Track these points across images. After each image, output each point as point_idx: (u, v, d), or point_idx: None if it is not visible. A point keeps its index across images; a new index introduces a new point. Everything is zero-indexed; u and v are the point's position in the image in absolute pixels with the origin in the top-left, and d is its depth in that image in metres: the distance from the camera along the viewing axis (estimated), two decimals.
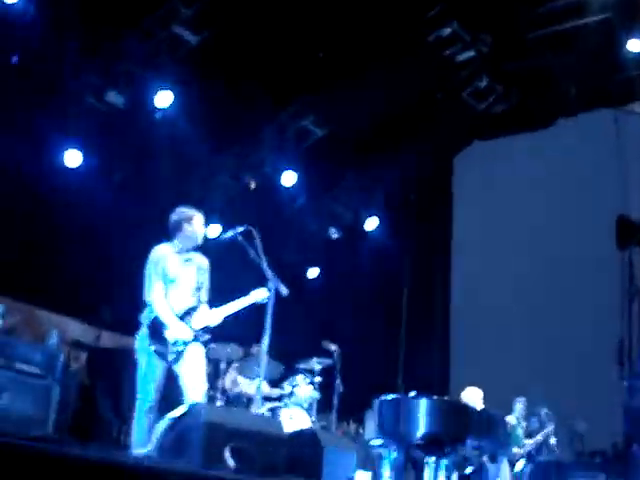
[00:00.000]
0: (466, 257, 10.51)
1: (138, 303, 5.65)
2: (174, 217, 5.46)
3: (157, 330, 5.20)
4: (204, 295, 5.53)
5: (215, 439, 3.91)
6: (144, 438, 4.94)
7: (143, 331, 5.28)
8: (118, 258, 8.33)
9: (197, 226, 5.44)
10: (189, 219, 5.42)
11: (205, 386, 5.27)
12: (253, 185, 9.49)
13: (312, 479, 4.41)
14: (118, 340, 8.14)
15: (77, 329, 7.89)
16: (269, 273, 5.06)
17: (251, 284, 5.64)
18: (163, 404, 5.25)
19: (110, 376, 7.47)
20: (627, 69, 8.75)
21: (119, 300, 8.23)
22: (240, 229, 5.17)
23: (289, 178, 9.43)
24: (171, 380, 5.34)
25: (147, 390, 5.13)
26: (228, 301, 5.56)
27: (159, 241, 5.56)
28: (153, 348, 5.16)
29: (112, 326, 8.32)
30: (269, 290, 5.05)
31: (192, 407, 4.07)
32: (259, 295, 5.36)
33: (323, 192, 10.05)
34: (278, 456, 4.18)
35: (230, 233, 5.21)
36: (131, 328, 7.84)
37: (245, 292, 5.54)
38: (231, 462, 3.93)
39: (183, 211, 5.48)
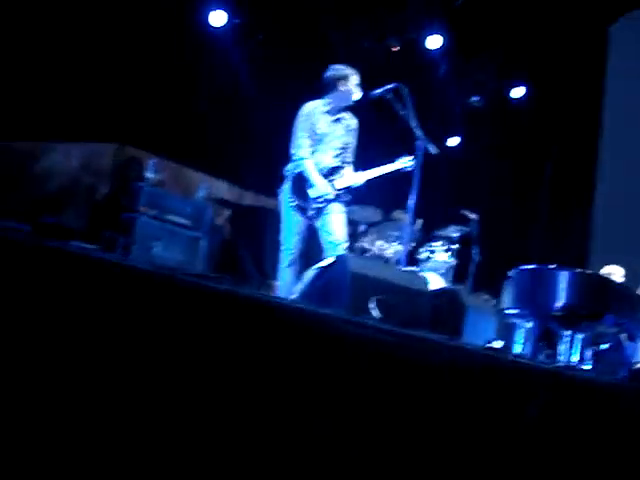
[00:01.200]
0: (618, 133, 9.94)
1: (280, 164, 5.75)
2: (330, 74, 5.41)
3: (300, 185, 5.28)
4: (349, 156, 5.55)
5: (361, 290, 3.99)
6: (288, 289, 5.13)
7: (286, 185, 5.37)
8: (261, 119, 8.45)
9: (352, 85, 5.38)
10: (345, 77, 5.37)
11: (345, 244, 5.36)
12: (395, 49, 9.24)
13: (453, 336, 4.46)
14: (260, 200, 8.36)
15: (221, 188, 8.14)
16: (419, 132, 4.98)
17: (396, 150, 5.60)
18: (305, 259, 5.41)
19: (252, 233, 7.73)
20: None
21: (262, 161, 8.42)
22: (390, 87, 5.09)
23: (434, 41, 9.11)
24: (313, 236, 5.47)
25: (290, 242, 5.27)
26: (372, 164, 5.56)
27: (304, 100, 5.57)
28: (295, 202, 5.26)
29: (254, 186, 8.52)
30: (418, 149, 4.98)
31: (339, 257, 4.16)
32: (404, 163, 5.32)
33: (468, 58, 9.67)
34: (421, 311, 4.24)
35: (379, 91, 5.14)
36: (272, 189, 8.06)
37: (389, 157, 5.51)
38: (376, 313, 4.01)
39: (340, 68, 5.42)
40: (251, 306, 3.16)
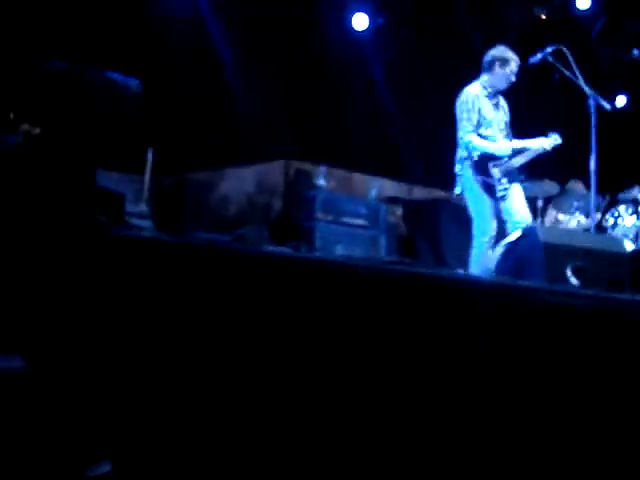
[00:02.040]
0: None
1: (444, 155, 5.71)
2: (490, 53, 5.35)
3: (484, 165, 5.21)
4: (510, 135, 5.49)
5: (555, 259, 3.87)
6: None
7: (466, 169, 5.29)
8: (418, 113, 8.45)
9: (509, 70, 5.28)
10: (504, 60, 5.27)
11: (530, 221, 5.25)
12: (544, 16, 8.94)
13: None
14: (429, 193, 8.33)
15: (390, 187, 8.18)
16: (588, 90, 4.79)
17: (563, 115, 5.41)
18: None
19: (426, 225, 7.70)
20: None
21: (427, 155, 8.41)
22: (550, 49, 4.93)
23: (584, 1, 8.72)
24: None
25: (487, 227, 5.16)
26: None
27: (455, 88, 5.51)
28: (481, 181, 5.18)
29: (422, 180, 8.51)
30: (590, 108, 4.79)
31: (528, 230, 4.06)
32: (546, 142, 5.20)
33: (623, 11, 9.16)
34: (621, 273, 4.05)
35: (540, 55, 4.99)
36: (439, 181, 7.99)
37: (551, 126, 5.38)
38: (574, 280, 3.88)
39: (501, 50, 5.33)
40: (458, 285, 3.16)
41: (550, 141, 5.23)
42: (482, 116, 5.25)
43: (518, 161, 5.26)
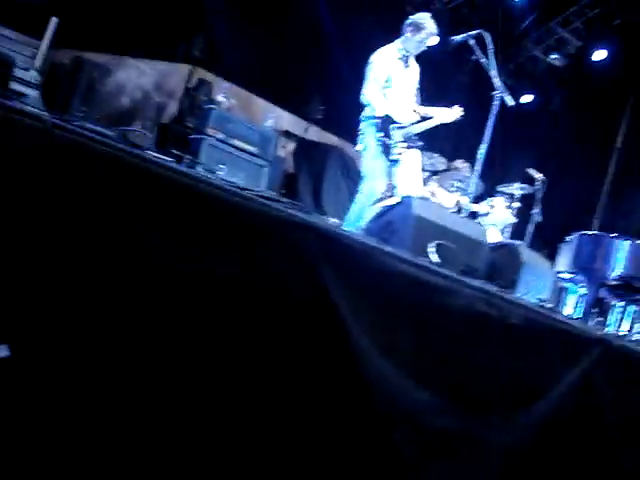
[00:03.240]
0: None
1: (347, 104, 5.71)
2: (410, 17, 5.37)
3: (384, 125, 5.23)
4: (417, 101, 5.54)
5: (423, 233, 3.97)
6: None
7: (369, 127, 5.30)
8: (334, 57, 8.38)
9: (422, 35, 5.31)
10: (416, 26, 5.30)
11: (421, 191, 5.35)
12: None
13: (507, 290, 4.43)
14: (324, 135, 8.33)
15: (288, 120, 8.12)
16: (497, 81, 4.89)
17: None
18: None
19: (313, 168, 7.73)
20: None
21: (330, 98, 8.37)
22: (473, 33, 4.99)
23: None
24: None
25: (374, 184, 5.20)
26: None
27: (375, 43, 5.51)
28: (380, 141, 5.21)
29: (320, 122, 8.49)
30: (494, 99, 4.89)
31: (405, 199, 4.14)
32: (447, 116, 5.30)
33: (551, 15, 9.38)
34: (479, 260, 4.21)
35: (462, 36, 5.05)
36: (336, 126, 7.96)
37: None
38: (435, 257, 4.00)
39: (420, 17, 5.35)
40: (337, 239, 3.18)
41: (454, 114, 5.31)
42: (391, 78, 5.27)
43: (419, 128, 5.33)
